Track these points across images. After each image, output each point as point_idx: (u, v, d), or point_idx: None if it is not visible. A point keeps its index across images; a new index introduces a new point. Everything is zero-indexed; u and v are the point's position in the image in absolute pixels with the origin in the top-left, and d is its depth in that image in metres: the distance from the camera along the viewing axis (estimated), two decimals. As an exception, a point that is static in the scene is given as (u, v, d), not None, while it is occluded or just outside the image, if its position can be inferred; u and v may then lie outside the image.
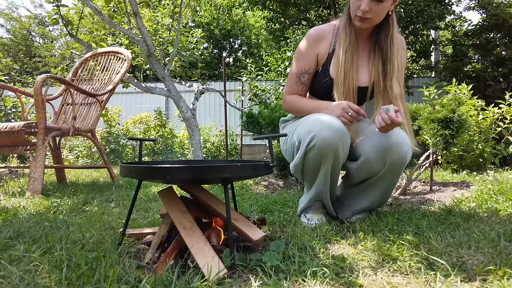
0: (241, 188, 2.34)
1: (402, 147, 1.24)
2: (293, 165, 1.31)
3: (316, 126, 1.19)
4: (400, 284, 0.78)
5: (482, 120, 3.53)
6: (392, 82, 1.30)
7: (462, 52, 6.89)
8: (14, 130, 2.05)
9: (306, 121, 1.27)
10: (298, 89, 1.41)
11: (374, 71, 1.34)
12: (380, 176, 1.32)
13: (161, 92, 3.35)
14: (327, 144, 1.17)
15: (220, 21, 16.43)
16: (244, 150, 6.25)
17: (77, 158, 5.50)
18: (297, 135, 1.27)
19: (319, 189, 1.31)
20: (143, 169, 0.89)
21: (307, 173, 1.30)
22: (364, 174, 1.34)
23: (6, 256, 0.91)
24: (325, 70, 1.36)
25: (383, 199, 1.40)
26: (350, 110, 1.23)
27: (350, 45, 1.30)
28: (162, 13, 3.95)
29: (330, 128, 1.17)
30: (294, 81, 1.41)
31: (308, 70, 1.38)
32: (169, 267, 0.81)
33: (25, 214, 1.48)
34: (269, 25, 7.45)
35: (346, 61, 1.29)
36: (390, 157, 1.25)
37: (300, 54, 1.39)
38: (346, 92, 1.29)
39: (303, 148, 1.22)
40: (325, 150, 1.18)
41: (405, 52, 1.41)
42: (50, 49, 15.62)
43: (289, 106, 1.43)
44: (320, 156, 1.20)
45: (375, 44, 1.35)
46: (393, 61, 1.31)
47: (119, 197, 1.97)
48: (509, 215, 1.39)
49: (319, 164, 1.23)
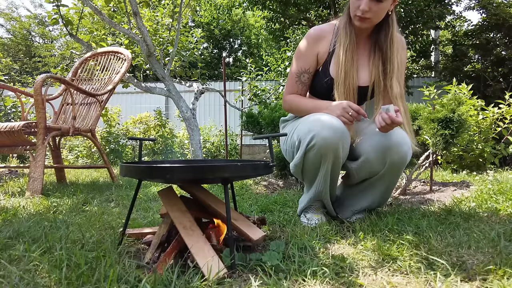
0: (241, 188, 2.34)
1: (402, 147, 1.24)
2: (293, 165, 1.31)
3: (316, 125, 1.19)
4: (400, 283, 0.78)
5: (482, 120, 3.53)
6: (392, 82, 1.30)
7: (462, 52, 6.90)
8: (14, 130, 2.05)
9: (306, 121, 1.27)
10: (298, 89, 1.41)
11: (375, 70, 1.34)
12: (380, 176, 1.32)
13: (161, 92, 3.35)
14: (327, 143, 1.17)
15: (220, 21, 16.43)
16: (244, 150, 6.25)
17: (77, 158, 5.50)
18: (297, 134, 1.27)
19: (319, 188, 1.31)
20: (142, 169, 0.89)
21: (307, 172, 1.30)
22: (364, 174, 1.34)
23: (6, 255, 0.91)
24: (325, 69, 1.36)
25: (383, 199, 1.40)
26: (351, 110, 1.23)
27: (350, 44, 1.30)
28: (162, 13, 3.95)
29: (330, 128, 1.17)
30: (294, 81, 1.41)
31: (308, 70, 1.38)
32: (169, 267, 0.81)
33: (24, 214, 1.48)
34: (269, 25, 7.45)
35: (346, 61, 1.29)
36: (390, 157, 1.25)
37: (300, 54, 1.39)
38: (346, 92, 1.29)
39: (303, 148, 1.22)
40: (325, 149, 1.18)
41: (405, 51, 1.41)
42: (50, 49, 15.62)
43: (289, 105, 1.43)
44: (320, 155, 1.20)
45: (375, 43, 1.35)
46: (393, 61, 1.31)
47: (119, 197, 1.97)
48: (509, 215, 1.39)
49: (319, 163, 1.23)
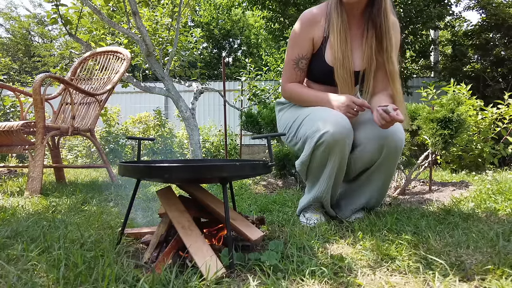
0: (240, 187, 2.33)
1: (397, 135, 1.27)
2: (299, 162, 1.32)
3: (325, 123, 1.21)
4: (399, 283, 0.78)
5: (481, 120, 3.53)
6: (391, 56, 1.30)
7: (461, 52, 6.90)
8: (13, 129, 2.05)
9: (313, 116, 1.28)
10: (296, 75, 1.41)
11: (367, 50, 1.33)
12: (376, 166, 1.33)
13: (161, 91, 3.35)
14: (335, 140, 1.19)
15: (219, 20, 16.42)
16: (243, 149, 6.24)
17: (76, 157, 5.50)
18: (305, 130, 1.29)
19: (322, 187, 1.31)
20: (141, 168, 0.89)
21: (312, 170, 1.31)
22: (361, 164, 1.35)
23: (4, 255, 0.91)
24: (322, 53, 1.36)
25: (381, 195, 1.41)
26: (355, 105, 1.25)
27: (342, 25, 1.30)
28: (161, 13, 3.95)
29: (338, 125, 1.20)
30: (292, 68, 1.40)
31: (305, 56, 1.38)
32: (167, 266, 0.81)
33: (23, 213, 1.48)
34: (269, 25, 7.43)
35: (341, 42, 1.29)
36: (387, 146, 1.27)
37: (296, 40, 1.37)
38: (346, 75, 1.30)
39: (311, 145, 1.23)
40: (333, 146, 1.21)
41: (399, 34, 1.40)
42: (49, 48, 15.61)
43: (290, 94, 1.43)
44: (328, 153, 1.22)
45: (368, 21, 1.34)
46: (388, 33, 1.29)
47: (118, 196, 1.97)
48: (507, 215, 1.39)
49: (326, 160, 1.25)
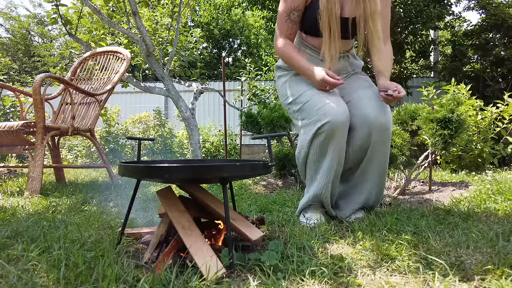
0: (240, 187, 2.33)
1: (381, 118, 1.31)
2: (297, 151, 1.37)
3: (325, 111, 1.25)
4: (399, 283, 0.78)
5: (481, 120, 3.53)
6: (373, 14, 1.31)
7: (461, 52, 6.89)
8: (13, 129, 2.05)
9: (313, 101, 1.31)
10: (288, 28, 1.43)
11: None
12: (368, 159, 1.36)
13: (160, 91, 3.35)
14: (334, 127, 1.24)
15: (219, 20, 16.43)
16: (243, 150, 6.24)
17: (76, 157, 5.50)
18: (306, 113, 1.33)
19: (321, 183, 1.33)
20: (141, 168, 0.89)
21: (311, 163, 1.34)
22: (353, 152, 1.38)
23: (4, 255, 0.91)
24: (314, 4, 1.36)
25: (379, 190, 1.43)
26: (327, 84, 1.29)
27: None
28: (161, 13, 3.95)
29: (337, 113, 1.24)
30: (284, 20, 1.41)
31: (297, 7, 1.39)
32: (167, 267, 0.81)
33: (23, 213, 1.48)
34: (269, 25, 7.43)
35: None
36: (374, 131, 1.32)
37: None
38: (330, 21, 1.30)
39: (312, 132, 1.27)
40: (332, 133, 1.25)
41: (389, 5, 1.42)
42: (49, 48, 15.60)
43: (282, 54, 1.45)
44: (327, 140, 1.26)
45: None
46: None
47: (118, 196, 1.97)
48: (507, 215, 1.39)
49: (326, 148, 1.28)
